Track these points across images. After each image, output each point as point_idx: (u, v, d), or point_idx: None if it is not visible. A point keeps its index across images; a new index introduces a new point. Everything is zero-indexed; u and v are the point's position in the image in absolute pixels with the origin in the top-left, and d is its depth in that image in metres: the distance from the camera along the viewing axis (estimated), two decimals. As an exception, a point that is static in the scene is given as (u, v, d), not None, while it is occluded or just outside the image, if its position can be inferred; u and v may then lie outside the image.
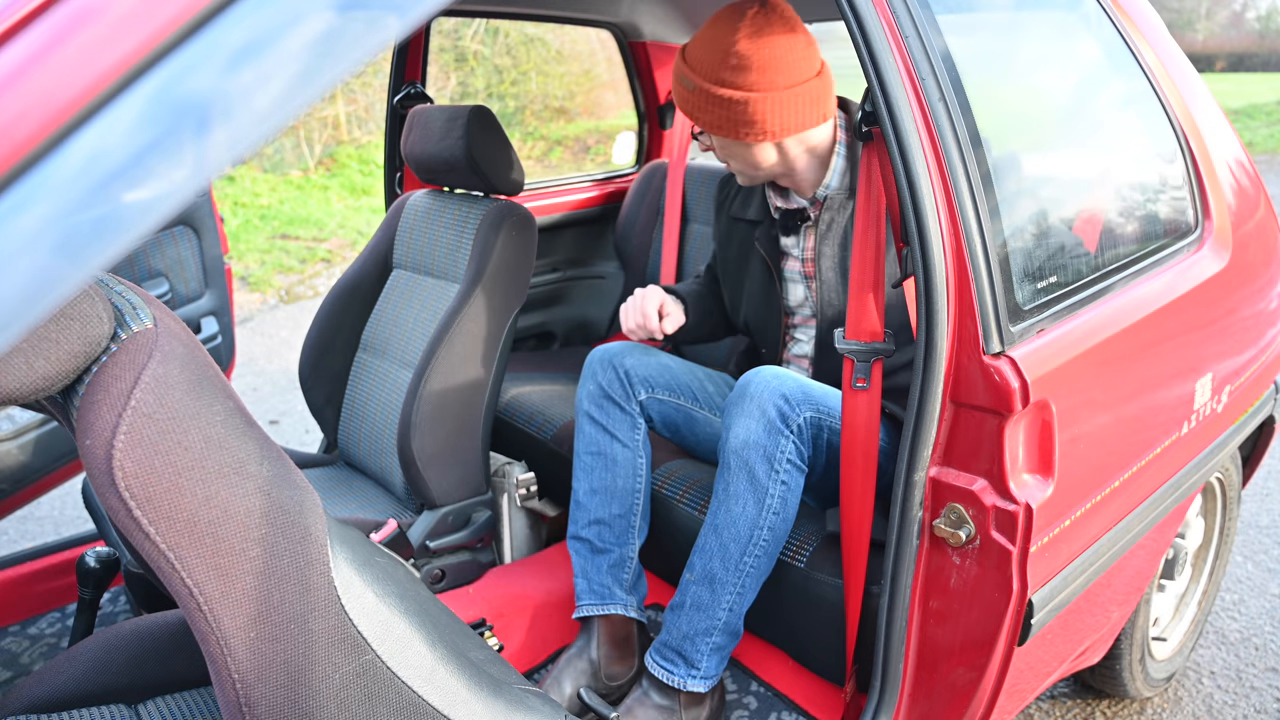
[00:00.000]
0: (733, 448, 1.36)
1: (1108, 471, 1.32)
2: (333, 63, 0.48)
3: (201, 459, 0.69)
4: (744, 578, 1.37)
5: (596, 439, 1.57)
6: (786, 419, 1.34)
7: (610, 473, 1.56)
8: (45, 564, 1.86)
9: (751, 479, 1.34)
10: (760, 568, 1.38)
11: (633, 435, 1.57)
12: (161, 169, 0.44)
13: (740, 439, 1.35)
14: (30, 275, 0.43)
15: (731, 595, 1.38)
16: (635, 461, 1.56)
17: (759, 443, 1.33)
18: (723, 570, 1.37)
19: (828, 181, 1.48)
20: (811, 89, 1.36)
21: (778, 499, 1.35)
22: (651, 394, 1.59)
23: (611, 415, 1.57)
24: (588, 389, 1.59)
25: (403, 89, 2.19)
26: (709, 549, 1.39)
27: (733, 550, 1.36)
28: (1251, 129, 11.62)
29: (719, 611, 1.38)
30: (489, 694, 0.85)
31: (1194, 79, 1.80)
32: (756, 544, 1.36)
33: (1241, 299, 1.69)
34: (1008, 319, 1.16)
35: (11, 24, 0.46)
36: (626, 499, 1.56)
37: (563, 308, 2.62)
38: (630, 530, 1.56)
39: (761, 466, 1.34)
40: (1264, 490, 2.88)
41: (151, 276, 2.20)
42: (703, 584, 1.39)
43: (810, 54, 1.36)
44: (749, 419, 1.34)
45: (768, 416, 1.33)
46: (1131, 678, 1.83)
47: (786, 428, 1.33)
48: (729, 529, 1.36)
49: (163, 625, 1.14)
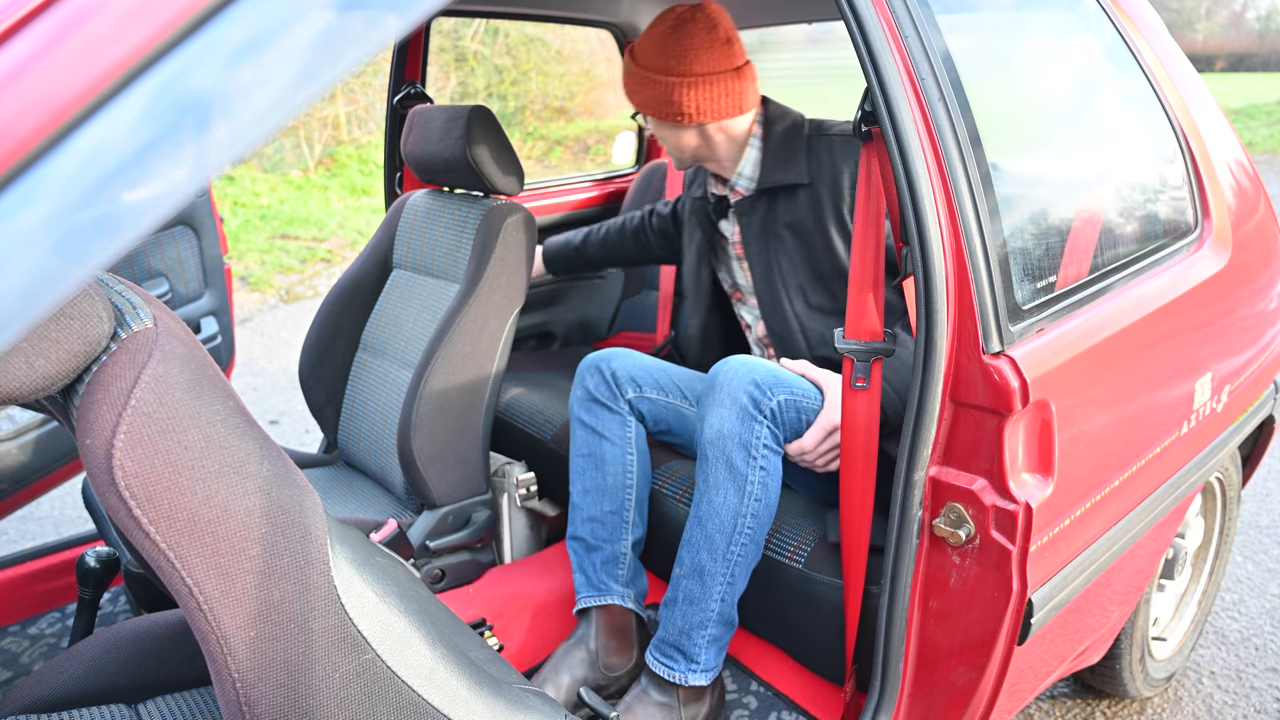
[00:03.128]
0: (708, 439, 1.37)
1: (1107, 471, 1.32)
2: (332, 62, 0.48)
3: (201, 458, 0.69)
4: (732, 567, 1.38)
5: (587, 441, 1.60)
6: (759, 405, 1.35)
7: (600, 472, 1.58)
8: (45, 564, 1.86)
9: (730, 468, 1.36)
10: (748, 555, 1.39)
11: (622, 433, 1.59)
12: (162, 168, 0.44)
13: (715, 429, 1.36)
14: (30, 274, 0.43)
15: (722, 585, 1.39)
16: (625, 459, 1.58)
17: (734, 432, 1.35)
18: (710, 561, 1.38)
19: (740, 170, 1.63)
20: (727, 81, 1.55)
21: (758, 485, 1.36)
22: (640, 393, 1.61)
23: (600, 416, 1.59)
24: (577, 394, 1.62)
25: (403, 89, 2.19)
26: (695, 542, 1.40)
27: (718, 541, 1.37)
28: (1251, 129, 11.62)
29: (711, 603, 1.39)
30: (489, 693, 0.85)
31: (1194, 79, 1.80)
32: (741, 532, 1.37)
33: (1241, 299, 1.69)
34: (1007, 318, 1.16)
35: (13, 22, 0.46)
36: (618, 495, 1.57)
37: (563, 308, 2.62)
38: (624, 525, 1.57)
39: (739, 455, 1.35)
40: (1264, 490, 2.88)
41: (151, 276, 2.20)
42: (692, 577, 1.40)
43: (729, 51, 1.55)
44: (722, 409, 1.36)
45: (740, 404, 1.35)
46: (1131, 678, 1.84)
47: (760, 413, 1.35)
48: (713, 520, 1.37)
49: (163, 625, 1.14)
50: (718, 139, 1.61)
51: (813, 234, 1.57)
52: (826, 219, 1.55)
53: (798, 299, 1.60)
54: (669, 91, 1.54)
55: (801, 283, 1.59)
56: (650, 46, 1.56)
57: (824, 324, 1.58)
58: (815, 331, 1.59)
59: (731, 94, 1.56)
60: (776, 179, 1.59)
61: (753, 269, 1.66)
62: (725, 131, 1.60)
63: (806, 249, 1.58)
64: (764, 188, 1.62)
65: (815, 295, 1.59)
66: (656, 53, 1.55)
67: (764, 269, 1.63)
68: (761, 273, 1.64)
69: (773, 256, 1.62)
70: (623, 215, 2.15)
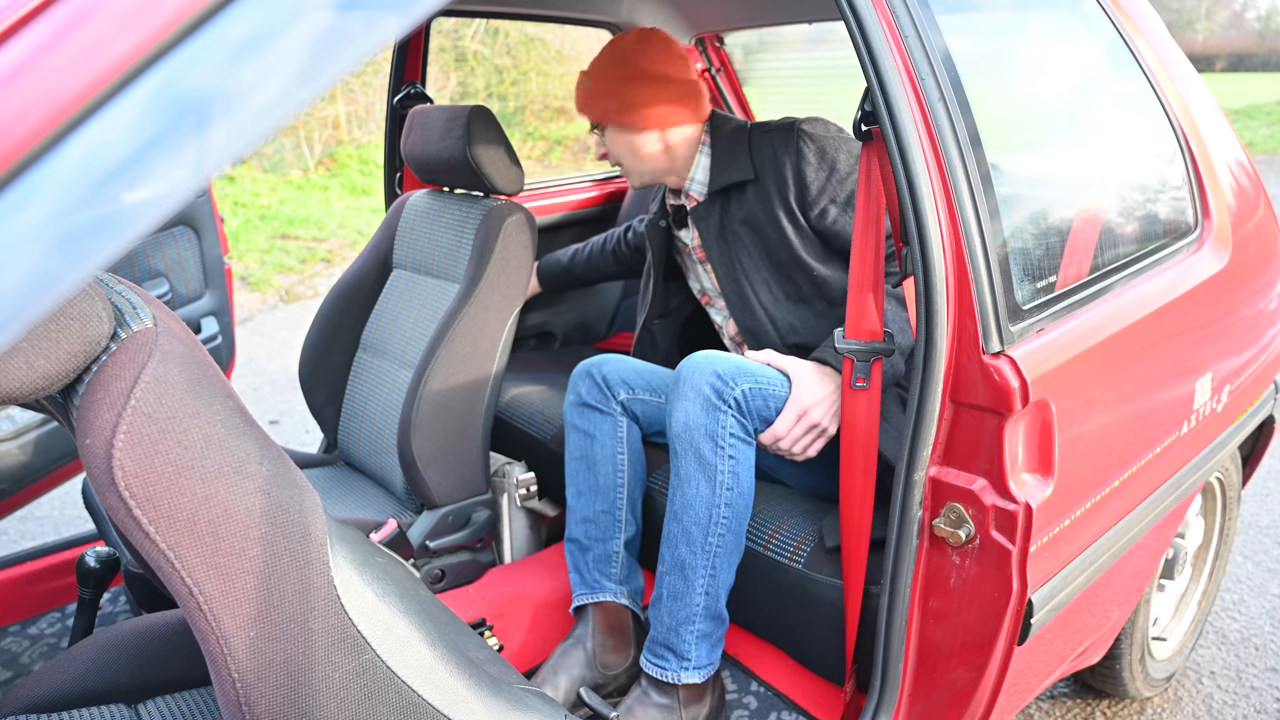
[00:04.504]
0: (676, 432, 1.39)
1: (1107, 471, 1.32)
2: (332, 61, 0.48)
3: (201, 458, 0.69)
4: (712, 558, 1.39)
5: (580, 444, 1.61)
6: (722, 395, 1.36)
7: (592, 473, 1.59)
8: (45, 564, 1.86)
9: (700, 459, 1.37)
10: (727, 546, 1.39)
11: (613, 434, 1.60)
12: (162, 167, 0.44)
13: (681, 422, 1.38)
14: (30, 274, 0.43)
15: (704, 578, 1.39)
16: (615, 458, 1.59)
17: (699, 423, 1.36)
18: (689, 554, 1.39)
19: (693, 175, 1.69)
20: (691, 87, 1.64)
21: (729, 474, 1.37)
22: (632, 394, 1.62)
23: (592, 419, 1.60)
24: (570, 400, 1.64)
25: (403, 89, 2.19)
26: (673, 536, 1.41)
27: (695, 533, 1.38)
28: (1251, 129, 11.62)
29: (695, 596, 1.40)
30: (489, 693, 0.85)
31: (1194, 79, 1.80)
32: (717, 522, 1.38)
33: (1241, 299, 1.69)
34: (1007, 318, 1.16)
35: (13, 21, 0.46)
36: (609, 495, 1.58)
37: (563, 308, 2.62)
38: (616, 524, 1.58)
39: (706, 445, 1.36)
40: (1264, 490, 2.88)
41: (151, 276, 2.20)
42: (674, 572, 1.41)
43: (683, 64, 1.66)
44: (686, 401, 1.38)
45: (703, 395, 1.36)
46: (1131, 677, 1.84)
47: (724, 403, 1.36)
48: (688, 513, 1.38)
49: (163, 625, 1.14)
50: (673, 142, 1.66)
51: (766, 226, 1.60)
52: (776, 209, 1.58)
53: (763, 292, 1.63)
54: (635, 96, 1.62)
55: (764, 276, 1.63)
56: (613, 59, 1.64)
57: (791, 312, 1.61)
58: (784, 320, 1.61)
59: (686, 101, 1.65)
60: (725, 179, 1.64)
61: (716, 270, 1.69)
62: (679, 136, 1.66)
63: (763, 242, 1.62)
64: (715, 189, 1.66)
65: (778, 286, 1.62)
66: (623, 62, 1.63)
67: (727, 269, 1.67)
68: (725, 273, 1.67)
69: (733, 255, 1.66)
70: (604, 234, 2.22)
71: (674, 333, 1.95)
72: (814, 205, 1.55)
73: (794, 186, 1.56)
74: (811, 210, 1.56)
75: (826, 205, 1.55)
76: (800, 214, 1.56)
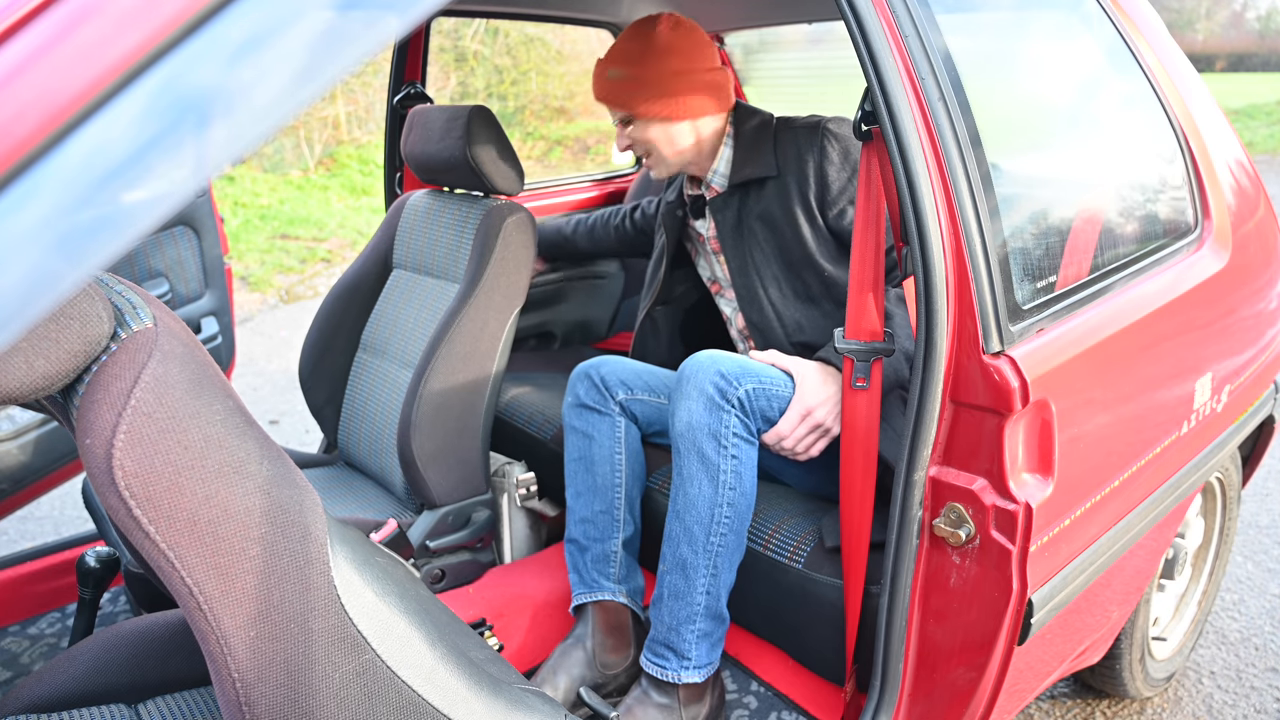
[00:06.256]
0: (679, 431, 1.39)
1: (1107, 471, 1.32)
2: (332, 61, 0.48)
3: (201, 458, 0.69)
4: (714, 558, 1.39)
5: (579, 445, 1.61)
6: (725, 395, 1.36)
7: (590, 473, 1.59)
8: (45, 564, 1.86)
9: (702, 459, 1.37)
10: (728, 545, 1.39)
11: (611, 434, 1.60)
12: (162, 167, 0.44)
13: (684, 422, 1.38)
14: (30, 274, 0.43)
15: (705, 577, 1.39)
16: (613, 458, 1.59)
17: (703, 423, 1.36)
18: (691, 554, 1.39)
19: (715, 167, 1.68)
20: (711, 79, 1.62)
21: (731, 474, 1.37)
22: (631, 395, 1.62)
23: (590, 420, 1.61)
24: (568, 402, 1.64)
25: (403, 89, 2.19)
26: (675, 535, 1.41)
27: (697, 532, 1.38)
28: (1251, 129, 11.62)
29: (696, 595, 1.40)
30: (489, 693, 0.85)
31: (1194, 79, 1.80)
32: (719, 522, 1.38)
33: (1241, 299, 1.69)
34: (1007, 318, 1.16)
35: (13, 22, 0.46)
36: (606, 494, 1.59)
37: (563, 308, 2.62)
38: (614, 524, 1.58)
39: (709, 445, 1.36)
40: (1264, 490, 2.88)
41: (151, 276, 2.20)
42: (675, 571, 1.41)
43: (712, 53, 1.63)
44: (689, 401, 1.38)
45: (706, 395, 1.36)
46: (1131, 677, 1.84)
47: (727, 403, 1.36)
48: (690, 512, 1.38)
49: (163, 625, 1.14)
50: (705, 133, 1.65)
51: (782, 223, 1.61)
52: (794, 207, 1.59)
53: (772, 288, 1.63)
54: (671, 85, 1.58)
55: (775, 272, 1.63)
56: (645, 48, 1.59)
57: (799, 310, 1.61)
58: (791, 319, 1.62)
59: (714, 90, 1.63)
60: (747, 173, 1.64)
61: (729, 262, 1.69)
62: (708, 128, 1.65)
63: (777, 238, 1.62)
64: (736, 182, 1.66)
65: (788, 283, 1.62)
66: (658, 51, 1.58)
67: (739, 262, 1.67)
68: (737, 266, 1.68)
69: (747, 250, 1.66)
70: (609, 208, 2.21)
71: (676, 321, 1.95)
72: (833, 205, 1.56)
73: (815, 185, 1.57)
74: (830, 210, 1.56)
75: (845, 206, 1.56)
76: (819, 213, 1.57)
